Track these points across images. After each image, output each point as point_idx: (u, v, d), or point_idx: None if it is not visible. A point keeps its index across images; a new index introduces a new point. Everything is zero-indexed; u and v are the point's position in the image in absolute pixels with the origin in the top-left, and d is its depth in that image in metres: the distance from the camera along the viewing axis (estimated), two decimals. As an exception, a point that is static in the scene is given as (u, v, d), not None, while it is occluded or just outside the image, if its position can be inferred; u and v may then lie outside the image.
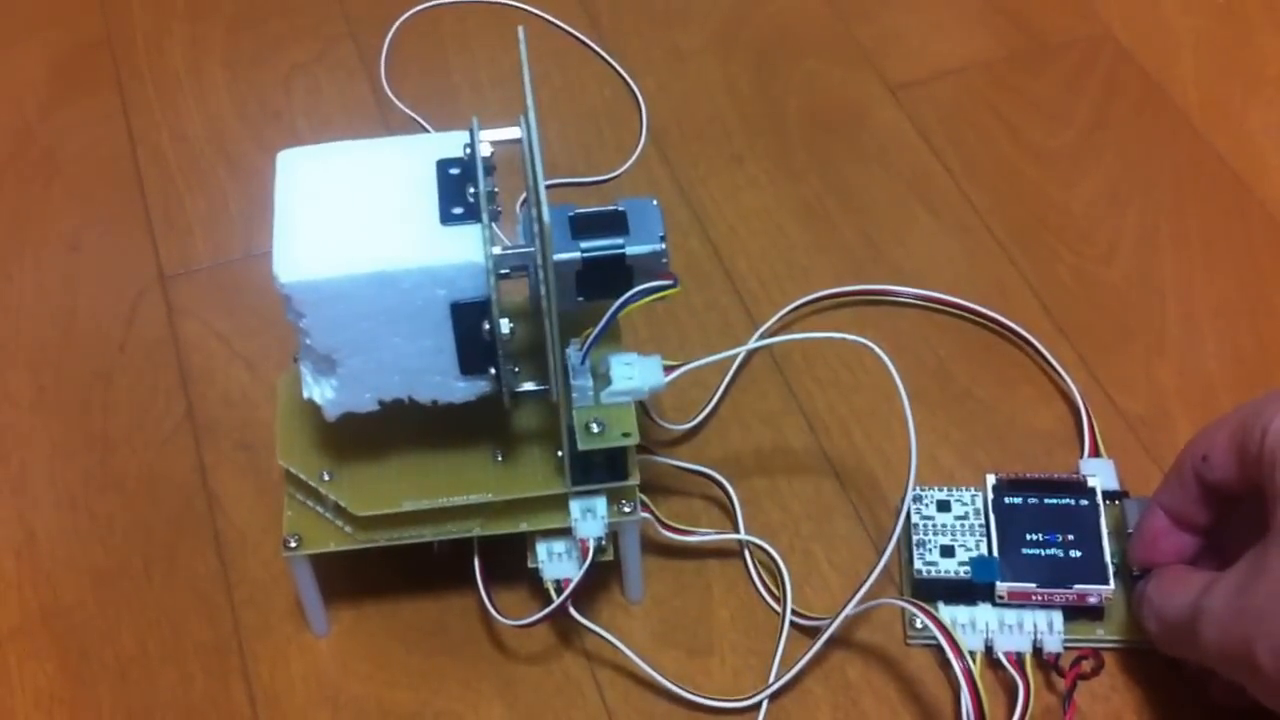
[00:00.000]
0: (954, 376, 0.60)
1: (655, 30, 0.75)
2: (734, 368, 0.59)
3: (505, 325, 0.44)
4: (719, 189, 0.67)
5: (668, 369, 0.48)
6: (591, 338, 0.46)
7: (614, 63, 0.73)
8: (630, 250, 0.45)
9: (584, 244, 0.45)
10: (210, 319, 0.63)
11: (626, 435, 0.47)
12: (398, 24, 0.75)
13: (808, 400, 0.59)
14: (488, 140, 0.47)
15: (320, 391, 0.47)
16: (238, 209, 0.67)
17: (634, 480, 0.48)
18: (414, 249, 0.44)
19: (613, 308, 0.46)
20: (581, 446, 0.46)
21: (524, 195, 0.58)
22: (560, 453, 0.48)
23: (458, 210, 0.45)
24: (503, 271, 0.45)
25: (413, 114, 0.71)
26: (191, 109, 0.72)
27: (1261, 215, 0.65)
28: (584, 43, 0.74)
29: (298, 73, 0.73)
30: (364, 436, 0.48)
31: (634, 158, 0.68)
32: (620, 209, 0.47)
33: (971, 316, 0.61)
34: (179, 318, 0.63)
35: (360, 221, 0.45)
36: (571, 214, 0.46)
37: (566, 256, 0.45)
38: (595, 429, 0.46)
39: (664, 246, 0.46)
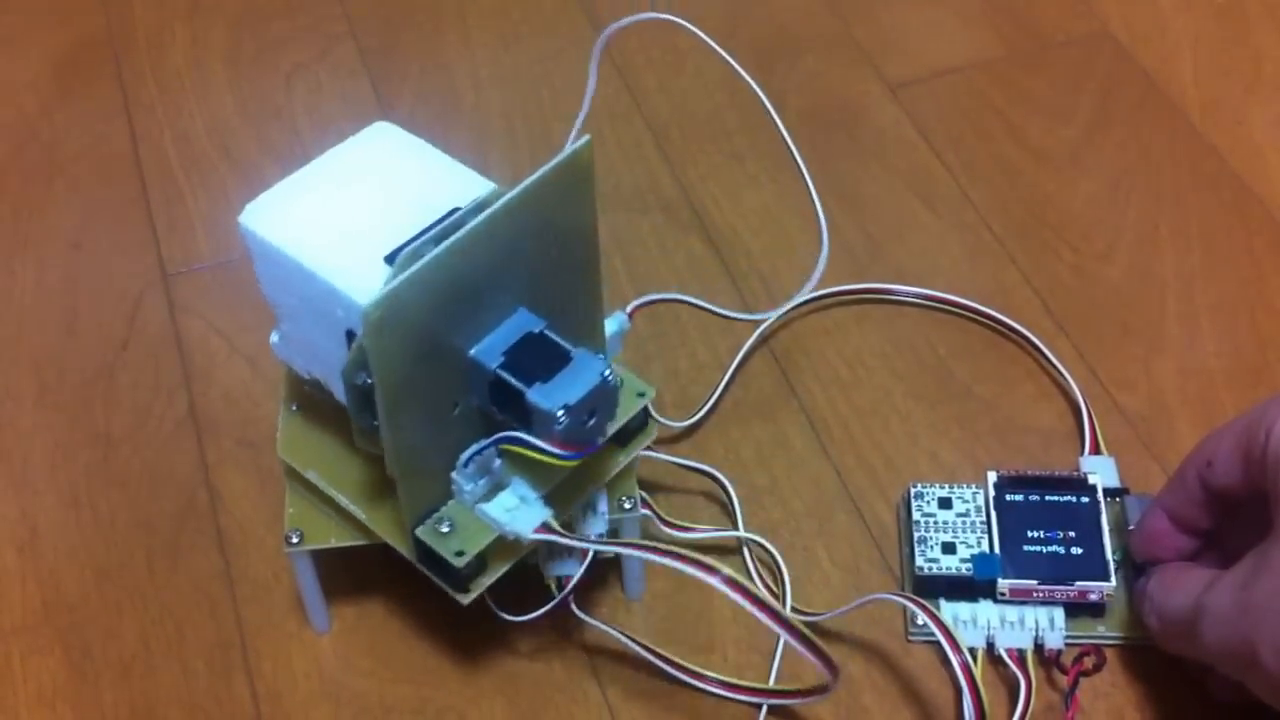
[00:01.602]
0: (954, 374, 0.60)
1: (655, 28, 0.75)
2: (734, 364, 0.60)
3: (363, 378, 0.41)
4: (719, 187, 0.67)
5: (545, 529, 0.44)
6: (472, 451, 0.44)
7: (614, 61, 0.73)
8: (530, 396, 0.42)
9: (505, 361, 0.43)
10: (212, 317, 0.63)
11: (459, 555, 0.44)
12: (399, 23, 0.75)
13: (808, 397, 0.59)
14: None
15: (273, 331, 0.47)
16: (239, 207, 0.66)
17: (465, 599, 0.46)
18: (339, 263, 0.43)
19: (487, 441, 0.44)
20: (414, 528, 0.45)
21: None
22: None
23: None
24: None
25: (413, 114, 0.71)
26: (193, 108, 0.72)
27: (1260, 212, 0.65)
28: (584, 41, 0.74)
29: (299, 72, 0.74)
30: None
31: (815, 279, 0.58)
32: (571, 354, 0.43)
33: (972, 314, 0.61)
34: (181, 315, 0.63)
35: (346, 214, 0.45)
36: (534, 331, 0.43)
37: (482, 362, 0.43)
38: (444, 528, 0.45)
39: (562, 414, 0.42)
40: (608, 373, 0.43)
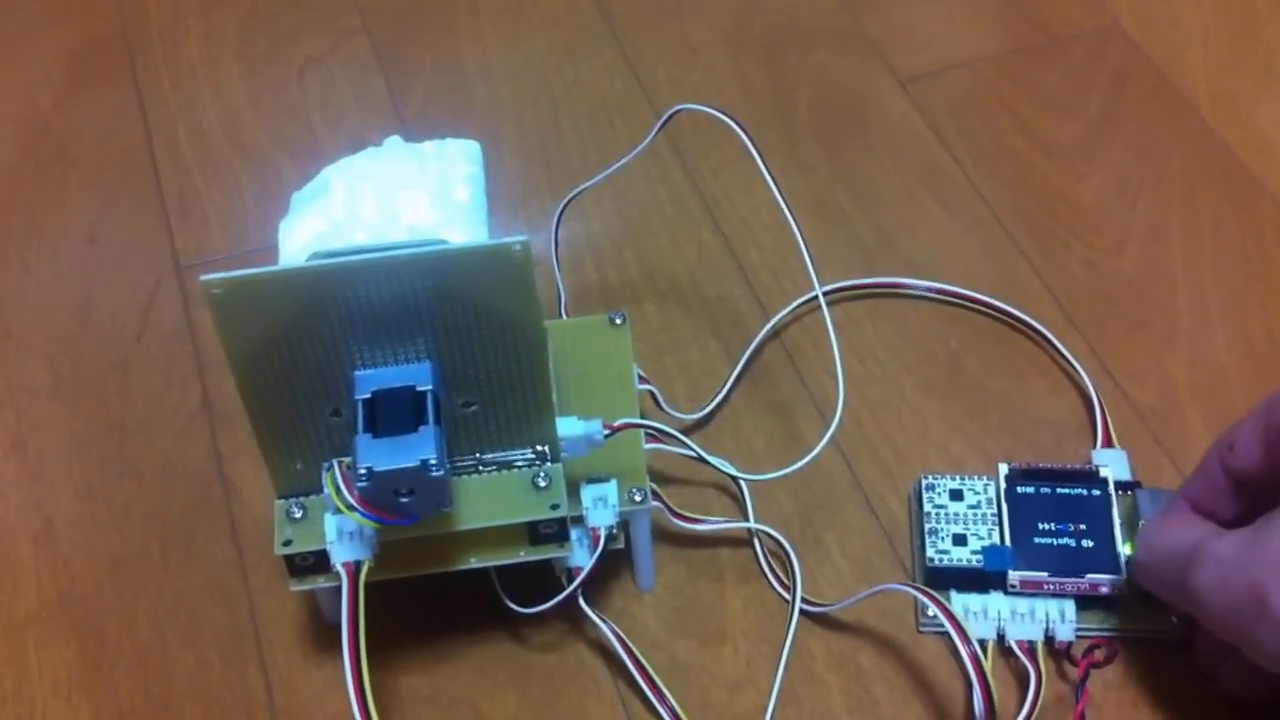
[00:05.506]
0: (966, 367, 0.60)
1: (666, 23, 0.75)
2: (744, 358, 0.60)
3: None
4: (730, 181, 0.67)
5: (353, 568, 0.45)
6: (327, 462, 0.44)
7: (626, 55, 0.73)
8: (355, 441, 0.42)
9: (370, 396, 0.43)
10: (225, 309, 0.63)
11: (286, 544, 0.46)
12: (411, 17, 0.75)
13: (819, 390, 0.59)
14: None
15: None
16: (253, 200, 0.68)
17: (292, 584, 0.47)
18: (298, 225, 0.46)
19: (329, 461, 0.44)
20: (279, 497, 0.47)
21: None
22: None
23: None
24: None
25: (425, 108, 0.71)
26: (206, 101, 0.72)
27: (1271, 206, 0.65)
28: (596, 35, 0.74)
29: (312, 66, 0.74)
30: None
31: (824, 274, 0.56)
32: (423, 428, 0.42)
33: (983, 308, 0.61)
34: (195, 308, 0.63)
35: (350, 196, 0.46)
36: (417, 387, 0.43)
37: (355, 385, 0.43)
38: (296, 513, 0.46)
39: (365, 474, 0.42)
40: (433, 461, 0.42)
